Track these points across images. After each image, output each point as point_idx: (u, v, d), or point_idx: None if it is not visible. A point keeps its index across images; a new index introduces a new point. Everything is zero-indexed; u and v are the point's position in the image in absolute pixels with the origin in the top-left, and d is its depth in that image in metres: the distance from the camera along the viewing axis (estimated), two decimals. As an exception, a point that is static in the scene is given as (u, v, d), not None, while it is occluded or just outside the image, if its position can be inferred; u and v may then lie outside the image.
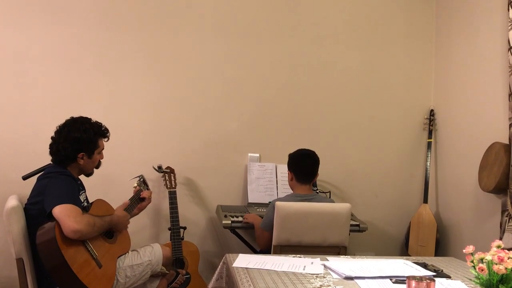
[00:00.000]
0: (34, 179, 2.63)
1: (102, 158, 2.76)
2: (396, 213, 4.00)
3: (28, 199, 2.55)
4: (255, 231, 3.14)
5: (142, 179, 3.12)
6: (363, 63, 3.95)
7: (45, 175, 2.56)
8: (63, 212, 2.29)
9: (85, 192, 2.72)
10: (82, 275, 2.25)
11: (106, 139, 2.75)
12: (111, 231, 2.62)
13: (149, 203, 2.99)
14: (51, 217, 2.32)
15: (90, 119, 2.68)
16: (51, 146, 2.62)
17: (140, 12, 3.62)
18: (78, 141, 2.57)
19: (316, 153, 3.09)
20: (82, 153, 2.60)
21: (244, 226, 3.26)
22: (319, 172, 3.10)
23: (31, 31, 3.45)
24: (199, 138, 3.72)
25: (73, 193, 2.48)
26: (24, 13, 3.44)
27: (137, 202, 2.94)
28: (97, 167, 2.77)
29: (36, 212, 2.45)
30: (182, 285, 3.29)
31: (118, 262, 2.60)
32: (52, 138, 2.64)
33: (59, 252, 2.21)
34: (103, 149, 2.74)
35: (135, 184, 3.05)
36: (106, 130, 2.74)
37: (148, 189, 3.12)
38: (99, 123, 2.71)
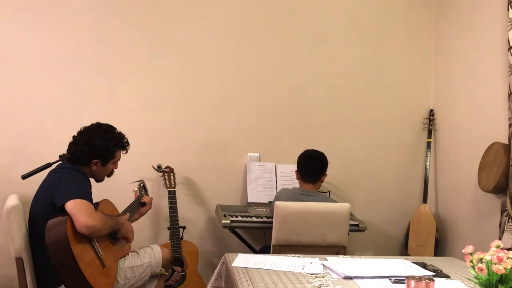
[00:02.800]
0: (34, 178, 2.64)
1: (116, 168, 2.77)
2: (396, 213, 4.00)
3: (35, 195, 2.55)
4: None
5: (142, 184, 3.11)
6: (363, 62, 3.95)
7: (58, 170, 2.57)
8: (77, 207, 2.29)
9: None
10: (87, 272, 2.26)
11: (124, 152, 2.77)
12: (115, 233, 2.63)
13: (149, 208, 3.00)
14: (62, 211, 2.32)
15: (114, 129, 2.70)
16: (70, 144, 2.64)
17: (140, 12, 3.62)
18: (96, 148, 2.59)
19: (325, 155, 3.12)
20: (96, 160, 2.62)
21: (244, 226, 3.27)
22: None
23: (31, 30, 3.46)
24: (198, 138, 3.73)
25: (86, 189, 2.48)
26: (23, 13, 3.44)
27: (138, 206, 2.95)
28: (109, 176, 2.79)
29: (44, 206, 2.44)
30: (178, 283, 3.30)
31: (119, 263, 2.60)
32: (73, 137, 2.66)
33: (68, 247, 2.21)
34: (118, 160, 2.75)
35: (135, 189, 3.05)
36: (127, 143, 2.76)
37: (147, 194, 3.12)
38: (123, 134, 2.73)
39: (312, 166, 3.10)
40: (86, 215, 2.28)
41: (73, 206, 2.29)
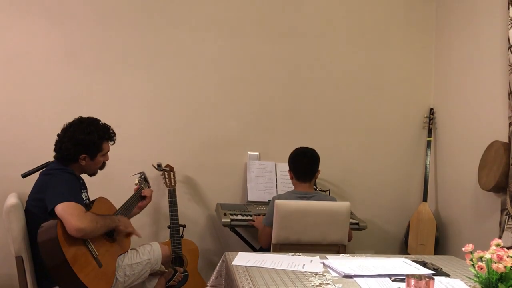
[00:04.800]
0: (34, 177, 2.63)
1: (107, 160, 2.75)
2: (396, 212, 4.00)
3: (29, 195, 2.55)
4: (258, 231, 3.15)
5: (143, 176, 3.11)
6: (363, 61, 3.95)
7: (47, 172, 2.57)
8: (66, 211, 2.28)
9: (86, 191, 2.71)
10: (82, 274, 2.25)
11: (112, 143, 2.74)
12: (111, 231, 2.62)
13: (149, 202, 2.99)
14: (53, 215, 2.31)
15: (98, 121, 2.66)
16: (56, 143, 2.61)
17: (139, 11, 3.61)
18: (81, 143, 2.56)
19: (316, 151, 3.09)
20: (84, 155, 2.59)
21: (244, 224, 3.27)
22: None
23: (30, 30, 3.45)
24: (198, 137, 3.73)
25: (75, 190, 2.48)
26: (23, 12, 3.44)
27: (138, 200, 2.93)
28: (101, 168, 2.76)
29: (36, 209, 2.45)
30: (180, 283, 3.30)
31: (118, 261, 2.60)
32: (58, 135, 2.63)
33: (60, 251, 2.21)
34: (108, 151, 2.72)
35: (136, 181, 3.04)
36: (113, 134, 2.72)
37: (149, 186, 3.12)
38: (107, 126, 2.69)
39: (305, 164, 3.04)
40: (76, 217, 2.27)
41: (62, 209, 2.28)
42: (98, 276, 2.35)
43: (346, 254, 2.56)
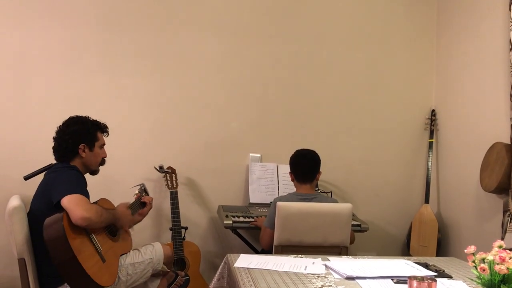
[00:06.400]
0: (36, 179, 2.64)
1: (105, 156, 2.78)
2: (398, 213, 4.00)
3: (34, 195, 2.57)
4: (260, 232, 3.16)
5: (143, 187, 3.11)
6: (364, 63, 3.95)
7: (53, 170, 2.60)
8: (72, 201, 2.32)
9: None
10: (87, 265, 2.27)
11: (105, 134, 2.80)
12: (115, 229, 2.64)
13: (150, 208, 2.99)
14: (59, 207, 2.34)
15: (87, 117, 2.75)
16: (53, 147, 2.65)
17: (141, 12, 3.62)
18: (77, 133, 2.63)
19: (318, 153, 3.09)
20: (83, 144, 2.63)
21: (246, 226, 3.27)
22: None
23: (32, 31, 3.46)
24: (200, 138, 3.73)
25: (81, 185, 2.51)
26: (24, 13, 3.44)
27: (139, 207, 2.94)
28: (101, 164, 2.78)
29: (42, 206, 2.46)
30: (181, 287, 3.29)
31: (120, 260, 2.61)
32: (53, 138, 2.67)
33: (66, 243, 2.23)
34: (104, 144, 2.77)
35: (136, 192, 3.05)
36: (105, 126, 2.79)
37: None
38: (98, 120, 2.77)
39: (305, 166, 3.05)
40: (81, 207, 2.31)
41: (69, 201, 2.32)
42: (101, 269, 2.37)
43: (348, 256, 2.56)
